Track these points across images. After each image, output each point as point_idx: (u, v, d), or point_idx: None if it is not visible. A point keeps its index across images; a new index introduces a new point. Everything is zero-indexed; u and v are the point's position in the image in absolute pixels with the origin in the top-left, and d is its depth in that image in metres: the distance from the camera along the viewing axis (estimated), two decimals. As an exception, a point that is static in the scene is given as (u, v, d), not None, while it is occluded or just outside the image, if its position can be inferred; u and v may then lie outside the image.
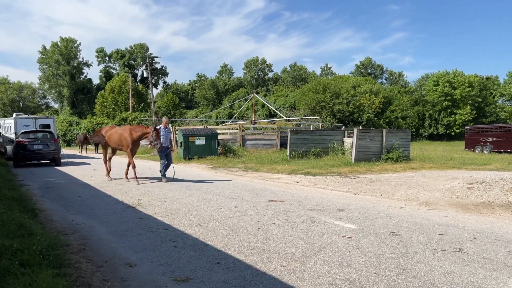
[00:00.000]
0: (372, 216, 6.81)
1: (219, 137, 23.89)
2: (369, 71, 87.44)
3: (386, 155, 17.89)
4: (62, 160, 19.59)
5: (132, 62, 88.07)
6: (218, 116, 68.99)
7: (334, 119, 51.27)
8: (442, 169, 15.65)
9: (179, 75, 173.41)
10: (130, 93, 49.67)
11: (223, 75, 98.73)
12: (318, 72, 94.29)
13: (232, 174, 15.09)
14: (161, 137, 11.72)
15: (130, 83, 49.98)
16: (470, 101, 58.98)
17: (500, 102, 68.79)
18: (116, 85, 58.23)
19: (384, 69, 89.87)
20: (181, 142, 21.83)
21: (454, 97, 58.62)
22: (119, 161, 18.97)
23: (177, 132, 24.13)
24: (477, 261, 4.30)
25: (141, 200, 8.40)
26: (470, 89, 58.79)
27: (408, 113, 57.42)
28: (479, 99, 60.69)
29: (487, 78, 69.43)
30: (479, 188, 10.18)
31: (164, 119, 12.58)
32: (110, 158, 13.28)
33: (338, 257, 4.39)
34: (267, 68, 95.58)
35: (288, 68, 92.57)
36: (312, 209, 7.49)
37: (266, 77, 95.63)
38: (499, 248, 4.85)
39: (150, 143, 11.63)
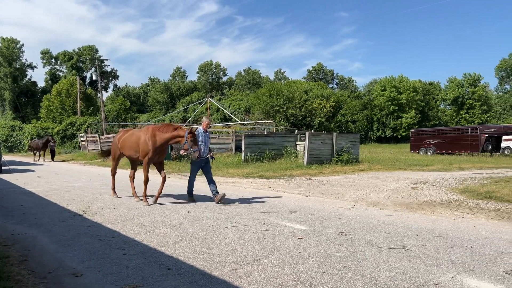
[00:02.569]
0: (322, 217, 6.98)
1: (172, 141, 23.47)
2: (320, 76, 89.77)
3: (336, 157, 18.42)
4: (3, 167, 18.43)
5: (81, 64, 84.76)
6: (171, 120, 67.84)
7: (287, 123, 52.08)
8: (389, 171, 16.35)
9: (131, 78, 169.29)
10: (78, 97, 47.72)
11: (177, 78, 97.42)
12: (271, 76, 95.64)
13: (186, 179, 14.90)
14: (199, 143, 8.57)
15: (78, 86, 48.02)
16: (415, 105, 62.11)
17: (441, 106, 73.05)
18: (63, 88, 55.70)
19: (335, 74, 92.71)
20: (132, 147, 21.27)
21: (400, 101, 61.48)
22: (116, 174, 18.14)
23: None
24: (419, 257, 4.53)
25: (89, 208, 8.09)
26: (414, 94, 61.94)
27: (358, 117, 59.50)
28: (423, 104, 64.03)
29: (430, 84, 73.49)
30: (423, 188, 10.74)
31: (205, 119, 8.99)
32: (132, 177, 9.49)
33: (289, 258, 4.46)
34: (221, 72, 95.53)
35: (243, 73, 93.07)
36: (265, 212, 7.56)
37: (220, 81, 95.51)
38: (439, 244, 5.14)
39: (183, 150, 8.42)
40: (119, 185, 10.99)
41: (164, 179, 8.70)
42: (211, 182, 8.80)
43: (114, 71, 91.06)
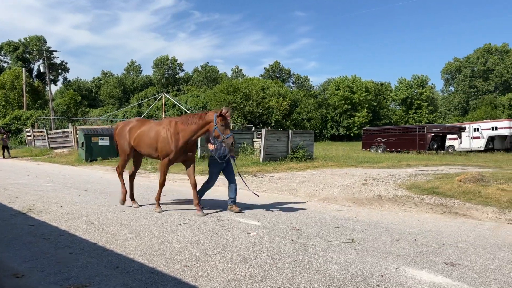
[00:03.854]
0: (276, 213, 7.07)
1: (126, 137, 22.85)
2: (277, 74, 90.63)
3: (291, 154, 18.71)
4: None
5: (27, 55, 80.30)
6: (125, 116, 65.96)
7: (244, 120, 52.21)
8: (341, 167, 16.82)
9: (82, 71, 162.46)
10: (24, 90, 45.20)
11: (131, 72, 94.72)
12: (229, 73, 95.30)
13: (139, 176, 14.54)
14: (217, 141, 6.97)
15: (24, 79, 45.49)
16: (367, 105, 64.30)
17: (392, 106, 76.07)
18: (8, 80, 52.43)
19: (292, 73, 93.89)
20: (82, 143, 20.46)
21: (353, 101, 63.41)
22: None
23: (77, 132, 22.56)
24: (366, 250, 4.70)
25: (33, 206, 7.69)
26: (367, 93, 64.11)
27: (313, 115, 60.72)
28: (375, 103, 66.39)
29: (381, 84, 76.25)
30: (372, 184, 11.14)
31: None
32: (133, 175, 8.05)
33: (241, 254, 4.47)
34: (177, 67, 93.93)
35: (200, 68, 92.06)
36: (220, 209, 7.53)
37: (177, 76, 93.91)
38: (386, 237, 5.36)
39: (212, 144, 6.96)
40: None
41: (194, 185, 7.09)
42: (233, 187, 7.39)
43: (64, 63, 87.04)
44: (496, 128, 33.96)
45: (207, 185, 7.48)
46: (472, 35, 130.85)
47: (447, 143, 33.78)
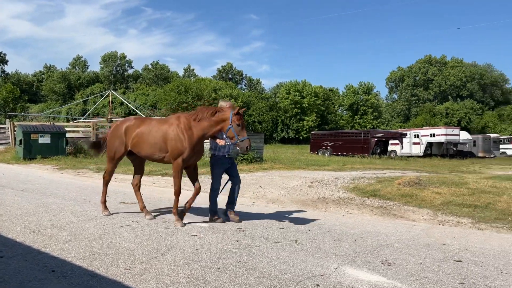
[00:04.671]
0: (222, 214, 7.05)
1: (69, 135, 21.86)
2: (230, 76, 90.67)
3: (241, 156, 18.78)
4: None
5: (-41, 44, 74.28)
6: (69, 113, 63.01)
7: (195, 121, 51.69)
8: (289, 170, 17.14)
9: (22, 64, 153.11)
10: (-45, 81, 41.75)
11: (76, 68, 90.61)
12: (181, 72, 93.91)
13: (82, 176, 13.96)
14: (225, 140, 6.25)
15: (-45, 69, 42.00)
16: (316, 109, 66.06)
17: (339, 111, 78.66)
18: None
19: (244, 75, 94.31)
20: (20, 140, 19.28)
21: (303, 105, 64.89)
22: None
23: (15, 128, 21.25)
24: (308, 251, 4.83)
25: (-39, 206, 7.13)
26: (316, 98, 65.85)
27: (264, 118, 61.38)
28: (323, 108, 68.35)
29: (330, 90, 78.60)
30: (318, 186, 11.45)
31: (224, 104, 6.34)
32: (137, 185, 6.95)
33: (185, 256, 4.43)
34: (127, 64, 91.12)
35: (150, 66, 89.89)
36: (166, 211, 7.41)
37: (125, 73, 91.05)
38: (328, 238, 5.54)
39: (223, 140, 6.24)
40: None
41: (198, 190, 6.35)
42: (236, 190, 6.68)
43: (2, 55, 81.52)
44: (434, 135, 36.18)
45: (215, 192, 6.55)
46: (415, 46, 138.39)
47: (390, 148, 35.49)
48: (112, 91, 52.97)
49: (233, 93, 59.29)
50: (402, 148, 35.13)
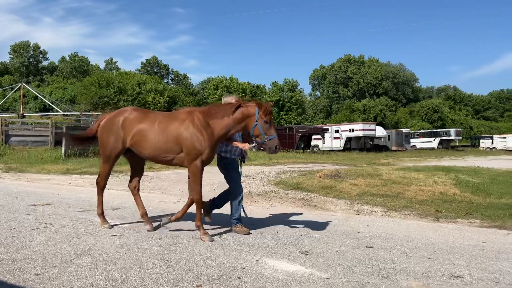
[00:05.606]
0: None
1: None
2: (155, 70, 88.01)
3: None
4: None
5: None
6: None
7: (118, 116, 49.51)
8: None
9: None
10: None
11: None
12: (102, 65, 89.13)
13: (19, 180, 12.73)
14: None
15: None
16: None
17: (266, 107, 79.90)
18: None
19: (170, 70, 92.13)
20: None
21: (231, 100, 65.12)
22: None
23: None
24: (232, 245, 4.89)
25: None
26: (243, 94, 66.39)
27: (191, 113, 60.50)
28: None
29: (257, 86, 79.71)
30: (244, 181, 11.53)
31: (230, 99, 5.78)
32: (136, 188, 6.02)
33: (103, 257, 4.25)
34: (41, 55, 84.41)
35: (68, 58, 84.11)
36: (84, 210, 7.04)
37: (39, 65, 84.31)
38: (252, 231, 5.64)
39: (246, 145, 5.67)
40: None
41: (192, 201, 5.51)
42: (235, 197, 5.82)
43: None
44: (353, 130, 38.41)
45: (238, 198, 5.69)
46: (336, 45, 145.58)
47: (313, 142, 37.04)
48: (24, 84, 48.75)
49: (158, 87, 57.70)
50: (324, 143, 36.89)
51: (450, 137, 52.43)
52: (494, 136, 58.14)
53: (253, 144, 5.53)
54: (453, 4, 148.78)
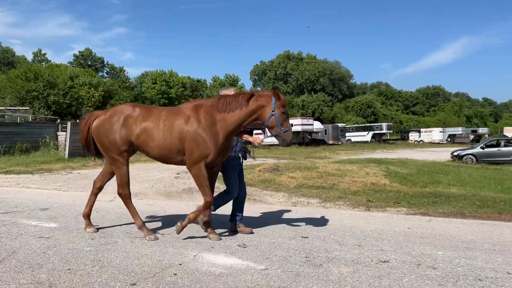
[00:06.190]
0: (78, 212, 6.53)
1: None
2: (89, 63, 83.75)
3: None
4: None
5: None
6: None
7: (49, 111, 46.53)
8: (156, 162, 16.73)
9: None
10: None
11: None
12: (29, 57, 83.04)
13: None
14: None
15: None
16: (184, 100, 65.55)
17: (207, 102, 79.33)
18: None
19: (105, 63, 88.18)
20: None
21: (170, 95, 63.88)
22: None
23: None
24: (169, 242, 4.82)
25: None
26: (183, 89, 65.39)
27: (129, 108, 58.45)
28: (191, 99, 68.19)
29: (198, 81, 78.81)
30: (184, 177, 11.46)
31: (227, 91, 5.39)
32: (99, 188, 5.60)
33: (29, 260, 4.00)
34: (-43, 45, 76.83)
35: (-10, 48, 77.41)
36: (8, 212, 6.56)
37: (-44, 55, 76.77)
38: (190, 227, 5.60)
39: (257, 138, 5.56)
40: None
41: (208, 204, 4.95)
42: (243, 196, 5.55)
43: None
44: (292, 125, 39.19)
45: (231, 191, 5.37)
46: (276, 42, 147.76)
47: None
48: None
49: (92, 81, 54.99)
50: (265, 138, 37.30)
51: (382, 131, 55.51)
52: (422, 129, 62.47)
53: (266, 137, 5.21)
54: (382, 7, 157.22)
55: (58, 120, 32.22)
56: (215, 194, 5.37)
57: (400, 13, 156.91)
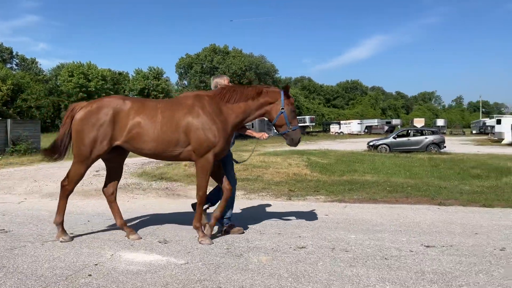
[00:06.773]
0: (-20, 217, 5.99)
1: None
2: (-5, 53, 76.09)
3: (12, 148, 16.25)
4: None
5: None
6: None
7: None
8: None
9: None
10: None
11: None
12: None
13: None
14: None
15: None
16: (104, 93, 62.30)
17: (130, 95, 76.48)
18: None
19: (15, 53, 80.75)
20: None
21: (89, 89, 60.46)
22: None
23: None
24: (85, 242, 4.60)
25: None
26: (104, 82, 62.25)
27: (43, 103, 54.39)
28: (112, 92, 65.09)
29: (120, 74, 75.50)
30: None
31: (223, 81, 5.13)
32: (113, 195, 5.02)
33: None
34: None
35: None
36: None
37: None
38: (107, 227, 5.39)
39: (264, 134, 5.31)
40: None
41: (230, 191, 4.85)
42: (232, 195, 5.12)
43: None
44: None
45: (232, 194, 5.08)
46: (201, 35, 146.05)
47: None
48: None
49: (0, 73, 50.17)
50: (271, 134, 37.00)
51: (306, 124, 57.69)
52: (341, 122, 65.99)
53: (271, 134, 4.99)
54: (302, 4, 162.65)
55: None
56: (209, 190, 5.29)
57: (320, 10, 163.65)
